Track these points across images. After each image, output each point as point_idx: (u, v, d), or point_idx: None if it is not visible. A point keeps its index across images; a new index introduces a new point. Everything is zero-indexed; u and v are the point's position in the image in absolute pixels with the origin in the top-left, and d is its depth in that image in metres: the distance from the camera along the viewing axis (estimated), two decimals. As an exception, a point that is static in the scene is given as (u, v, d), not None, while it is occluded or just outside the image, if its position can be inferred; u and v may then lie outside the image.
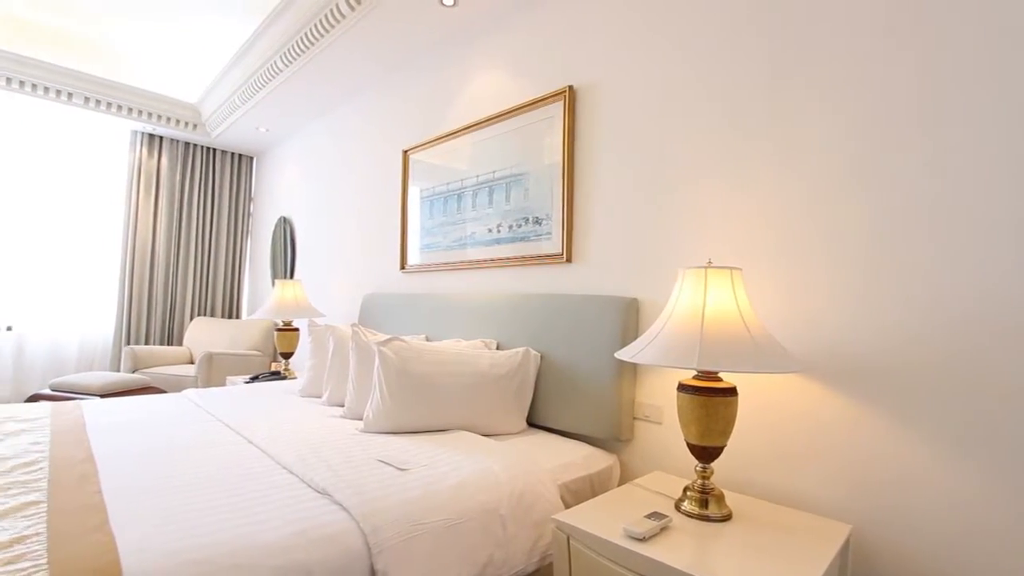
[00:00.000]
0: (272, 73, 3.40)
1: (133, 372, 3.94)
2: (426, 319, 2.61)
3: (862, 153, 1.34)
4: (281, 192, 4.69)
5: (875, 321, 1.30)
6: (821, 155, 1.41)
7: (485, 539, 1.27)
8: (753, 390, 1.50)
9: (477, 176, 2.50)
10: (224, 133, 4.56)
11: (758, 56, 1.55)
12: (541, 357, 2.00)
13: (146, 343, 4.61)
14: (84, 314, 4.45)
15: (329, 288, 3.78)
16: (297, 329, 3.46)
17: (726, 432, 1.26)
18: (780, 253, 1.48)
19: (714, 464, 1.31)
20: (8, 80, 3.80)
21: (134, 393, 3.58)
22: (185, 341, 4.57)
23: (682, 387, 1.29)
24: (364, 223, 3.42)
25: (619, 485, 1.72)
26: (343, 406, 2.15)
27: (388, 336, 1.90)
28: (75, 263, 4.40)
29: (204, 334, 4.47)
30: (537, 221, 2.19)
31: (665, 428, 1.72)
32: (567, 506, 1.49)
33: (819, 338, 1.39)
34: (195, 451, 1.54)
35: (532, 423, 2.02)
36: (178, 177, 4.81)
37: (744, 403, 1.50)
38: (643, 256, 1.83)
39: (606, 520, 1.23)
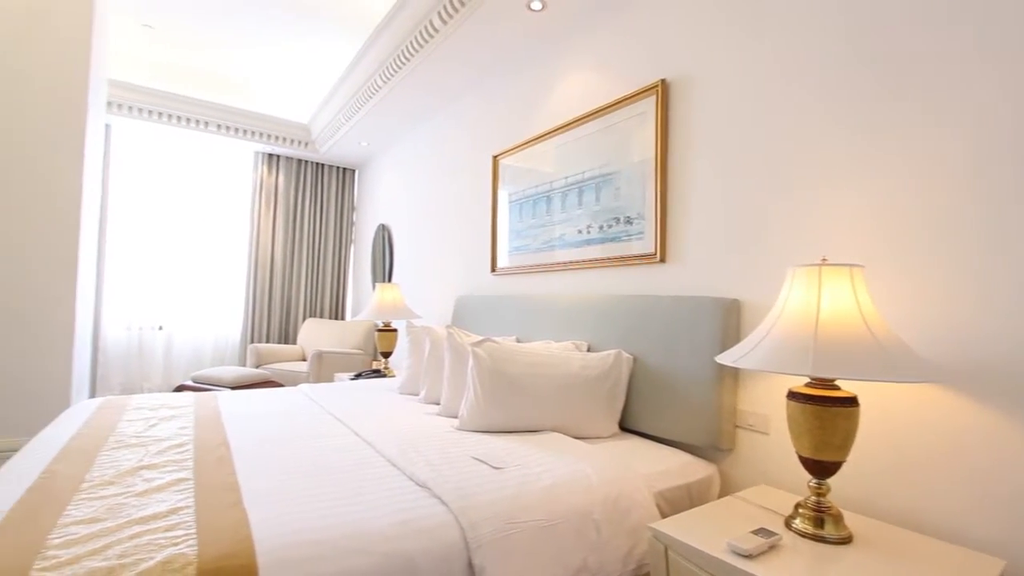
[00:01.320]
0: (373, 90, 3.64)
1: (257, 367, 4.40)
2: (516, 320, 2.65)
3: (993, 140, 1.16)
4: (380, 201, 5.00)
5: (1035, 325, 1.12)
6: (948, 149, 1.24)
7: (579, 542, 1.26)
8: (875, 399, 1.36)
9: (566, 177, 2.49)
10: (331, 149, 4.96)
11: (879, 48, 1.40)
12: (634, 360, 1.95)
13: (267, 341, 5.13)
14: (218, 316, 5.05)
15: (424, 290, 3.96)
16: (395, 330, 3.66)
17: (845, 446, 1.14)
18: (902, 252, 1.32)
19: (830, 480, 1.20)
20: (159, 114, 4.42)
21: (258, 386, 3.99)
22: (298, 340, 5.02)
23: (793, 395, 1.19)
24: (456, 228, 3.55)
25: (719, 497, 1.63)
26: (439, 404, 2.24)
27: (481, 337, 1.95)
28: (211, 272, 5.00)
29: (314, 334, 4.87)
30: (628, 221, 2.14)
31: (772, 439, 1.60)
32: (663, 515, 1.44)
33: (954, 343, 1.22)
34: (310, 440, 1.69)
35: (624, 427, 1.97)
36: (292, 192, 5.31)
37: (864, 413, 1.36)
38: (744, 255, 1.72)
39: (708, 533, 1.17)
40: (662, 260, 1.99)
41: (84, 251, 2.97)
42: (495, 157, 3.05)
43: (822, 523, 1.16)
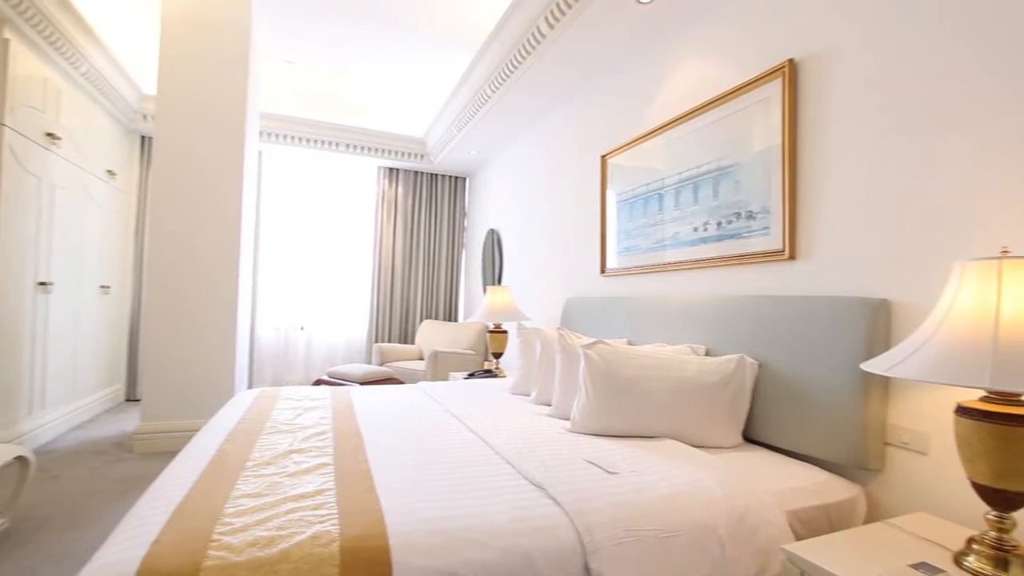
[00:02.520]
0: (483, 100, 3.78)
1: (381, 365, 4.77)
2: (626, 323, 2.59)
3: None
4: (489, 206, 5.17)
5: None
6: None
7: (700, 557, 1.19)
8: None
9: (679, 173, 2.38)
10: (444, 160, 5.24)
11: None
12: (759, 366, 1.81)
13: (389, 341, 5.54)
14: (348, 317, 5.56)
15: (533, 293, 4.02)
16: (506, 331, 3.76)
17: (1037, 474, 0.96)
18: None
19: (1016, 514, 1.01)
20: (299, 139, 4.99)
21: (382, 382, 4.32)
22: (416, 340, 5.36)
23: (964, 411, 1.02)
24: (565, 230, 3.56)
25: (865, 522, 1.45)
26: (550, 405, 2.26)
27: (592, 339, 1.94)
28: (342, 278, 5.53)
29: (430, 334, 5.17)
30: (751, 216, 1.99)
31: (932, 460, 1.39)
32: (798, 537, 1.31)
33: None
34: (431, 434, 1.79)
35: (749, 438, 1.83)
36: (410, 202, 5.69)
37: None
38: (891, 249, 1.51)
39: (854, 562, 1.05)
40: (791, 257, 1.82)
41: (243, 263, 3.43)
42: (603, 157, 3.01)
43: (1005, 565, 0.98)
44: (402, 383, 4.19)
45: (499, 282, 4.76)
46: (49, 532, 2.06)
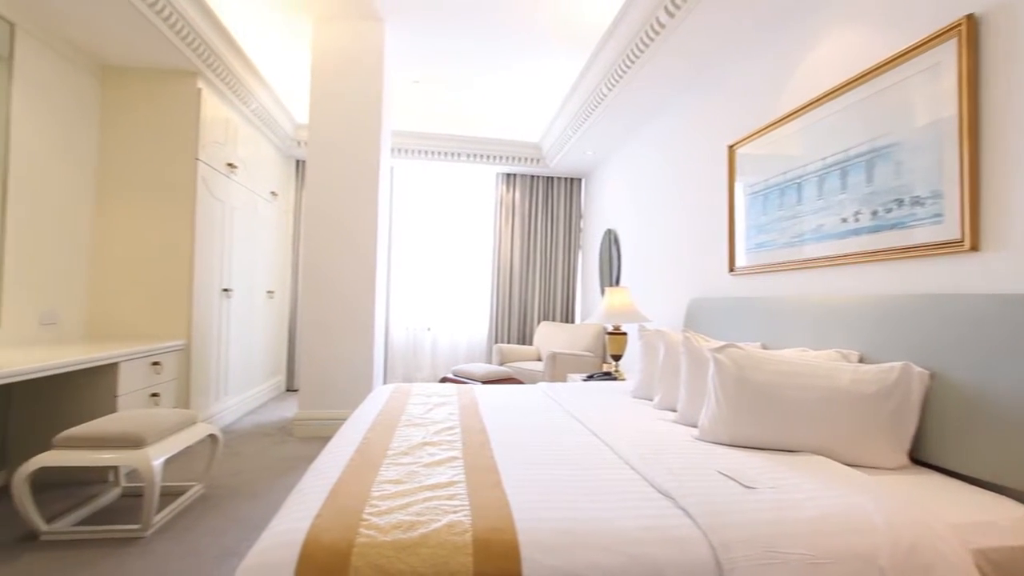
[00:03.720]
0: (598, 99, 3.74)
1: (501, 365, 4.93)
2: (759, 325, 2.38)
3: None
4: (605, 207, 5.10)
5: None
6: None
7: (859, 591, 1.05)
8: None
9: (822, 159, 2.14)
10: (559, 162, 5.27)
11: None
12: (931, 376, 1.56)
13: (508, 342, 5.71)
14: (469, 319, 5.84)
15: (653, 293, 3.88)
16: (626, 333, 3.67)
17: None
18: None
19: None
20: (424, 152, 5.36)
21: (502, 382, 4.46)
22: (534, 341, 5.45)
23: None
24: (686, 227, 3.39)
25: (1089, 573, 1.18)
26: (675, 411, 2.16)
27: (722, 343, 1.81)
28: (464, 281, 5.82)
29: (548, 335, 5.22)
30: (917, 202, 1.72)
31: None
32: (989, 581, 1.10)
33: None
34: (553, 435, 1.81)
35: (917, 460, 1.59)
36: (527, 205, 5.82)
37: None
38: None
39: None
40: (972, 248, 1.54)
41: (379, 269, 3.77)
42: (730, 147, 2.81)
43: None
44: (521, 383, 4.28)
45: (617, 283, 4.67)
46: (232, 499, 2.45)
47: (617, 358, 3.69)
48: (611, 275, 4.80)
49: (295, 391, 5.24)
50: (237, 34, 3.42)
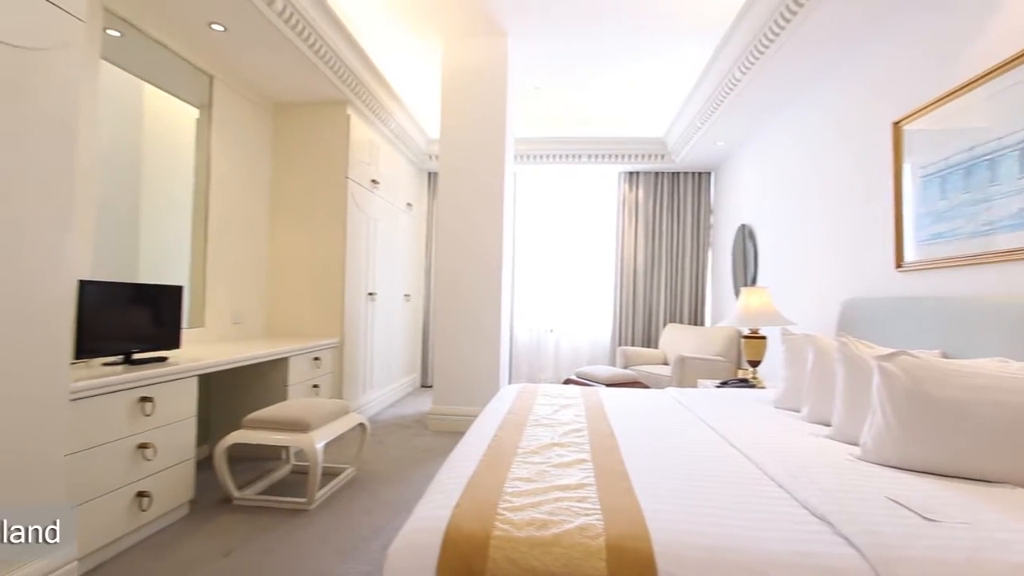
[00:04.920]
0: (729, 87, 3.49)
1: (625, 368, 4.81)
2: (936, 330, 2.03)
3: None
4: (739, 200, 4.73)
5: None
6: None
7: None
8: None
9: (1025, 130, 1.77)
10: (685, 157, 5.01)
11: None
12: None
13: (631, 344, 5.56)
14: (592, 321, 5.79)
15: (796, 293, 3.51)
16: (764, 337, 3.37)
17: None
18: None
19: None
20: (545, 156, 5.44)
21: (627, 385, 4.35)
22: (660, 344, 5.24)
23: None
24: (837, 219, 3.01)
25: None
26: (828, 425, 1.93)
27: (890, 350, 1.58)
28: (586, 283, 5.79)
29: (675, 338, 4.98)
30: None
31: None
32: None
33: None
34: (685, 443, 1.72)
35: None
36: (651, 204, 5.62)
37: None
38: None
39: None
40: None
41: (504, 272, 3.90)
42: (895, 124, 2.44)
43: None
44: (647, 387, 4.14)
45: (753, 282, 4.30)
46: (378, 483, 2.70)
47: (755, 364, 3.39)
48: (746, 274, 4.44)
49: (428, 387, 5.62)
50: (376, 59, 3.77)
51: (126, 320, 2.19)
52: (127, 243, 2.75)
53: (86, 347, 1.93)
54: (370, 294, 4.26)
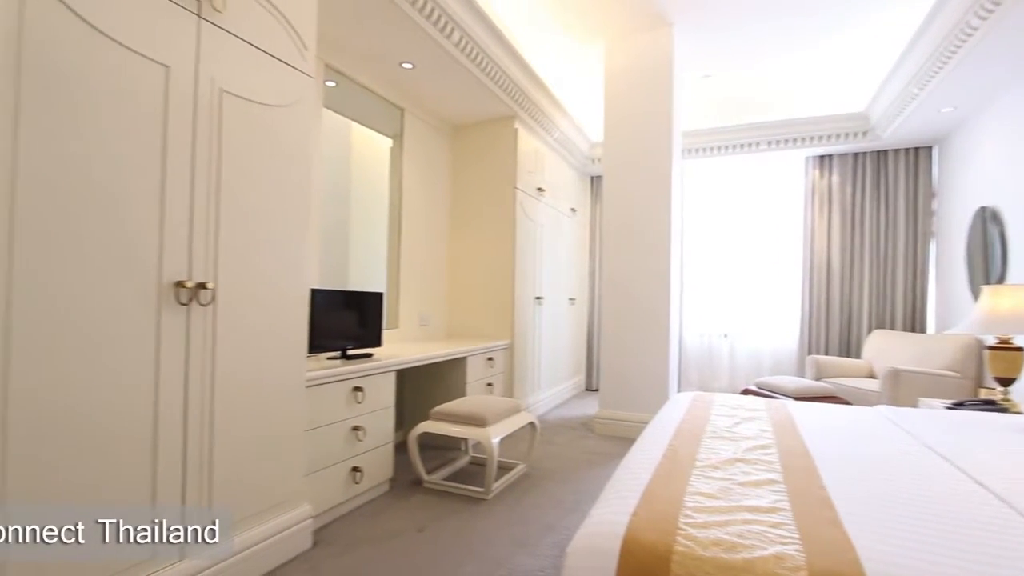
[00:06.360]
0: (961, 39, 2.85)
1: (817, 380, 4.21)
2: None
3: None
4: (976, 177, 3.82)
5: None
6: None
7: None
8: None
9: None
10: (896, 131, 4.22)
11: None
12: None
13: (824, 353, 4.84)
14: (775, 326, 5.20)
15: (1073, 294, 2.70)
16: (1020, 349, 2.66)
17: None
18: None
19: None
20: (716, 148, 5.06)
21: (820, 400, 3.80)
22: (863, 354, 4.47)
23: None
24: None
25: None
26: None
27: None
28: (767, 283, 5.23)
29: (883, 348, 4.21)
30: None
31: None
32: None
33: None
34: (906, 473, 1.44)
35: None
36: (848, 190, 4.85)
37: None
38: None
39: None
40: None
41: (672, 274, 3.72)
42: None
43: None
44: (847, 403, 3.56)
45: (1001, 280, 3.43)
46: (548, 481, 2.78)
47: (1006, 382, 2.70)
48: (988, 269, 3.55)
49: (593, 391, 5.62)
50: (538, 70, 3.91)
51: (342, 322, 2.61)
52: (339, 256, 3.28)
53: (315, 344, 2.35)
54: (537, 298, 4.43)
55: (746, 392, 4.25)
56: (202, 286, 1.57)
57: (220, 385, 1.65)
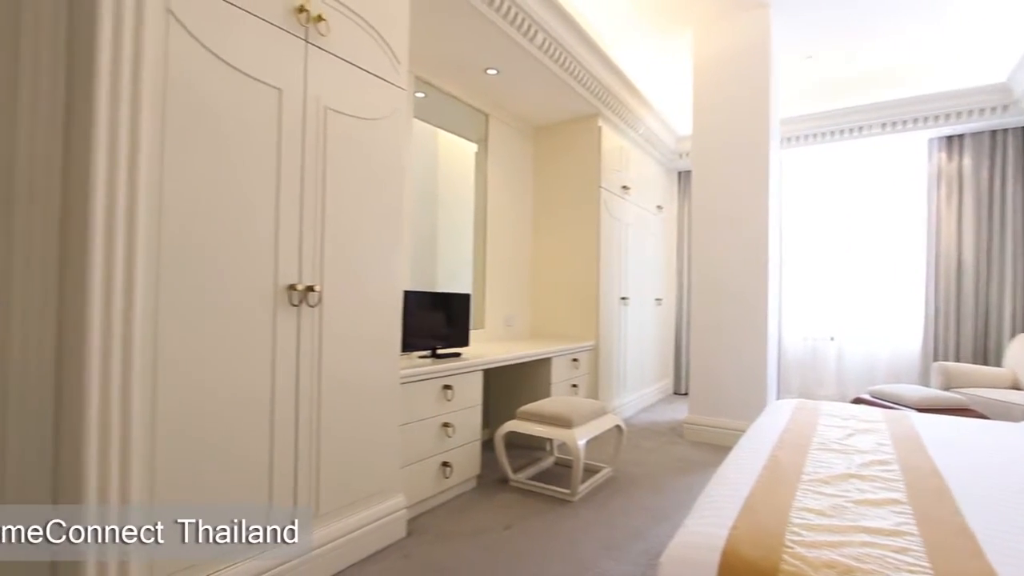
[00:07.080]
0: None
1: (946, 389, 3.73)
2: None
3: None
4: None
5: None
6: None
7: None
8: None
9: None
10: (1047, 103, 3.64)
11: None
12: None
13: (955, 359, 4.28)
14: (893, 328, 4.67)
15: None
16: None
17: None
18: None
19: None
20: (820, 135, 4.65)
21: (949, 412, 3.36)
22: (1005, 361, 3.90)
23: None
24: None
25: None
26: None
27: None
28: (883, 282, 4.71)
29: (1033, 355, 3.64)
30: None
31: None
32: None
33: None
34: (1069, 504, 1.24)
35: None
36: (984, 174, 4.26)
37: None
38: None
39: None
40: None
41: (771, 272, 3.48)
42: None
43: None
44: (983, 417, 3.12)
45: None
46: (635, 486, 2.70)
47: None
48: None
49: (681, 395, 5.39)
50: (622, 66, 3.81)
51: (432, 322, 2.72)
52: (428, 259, 3.42)
53: (407, 343, 2.46)
54: (622, 298, 4.33)
55: (858, 401, 3.87)
56: (311, 289, 1.70)
57: (326, 382, 1.78)
